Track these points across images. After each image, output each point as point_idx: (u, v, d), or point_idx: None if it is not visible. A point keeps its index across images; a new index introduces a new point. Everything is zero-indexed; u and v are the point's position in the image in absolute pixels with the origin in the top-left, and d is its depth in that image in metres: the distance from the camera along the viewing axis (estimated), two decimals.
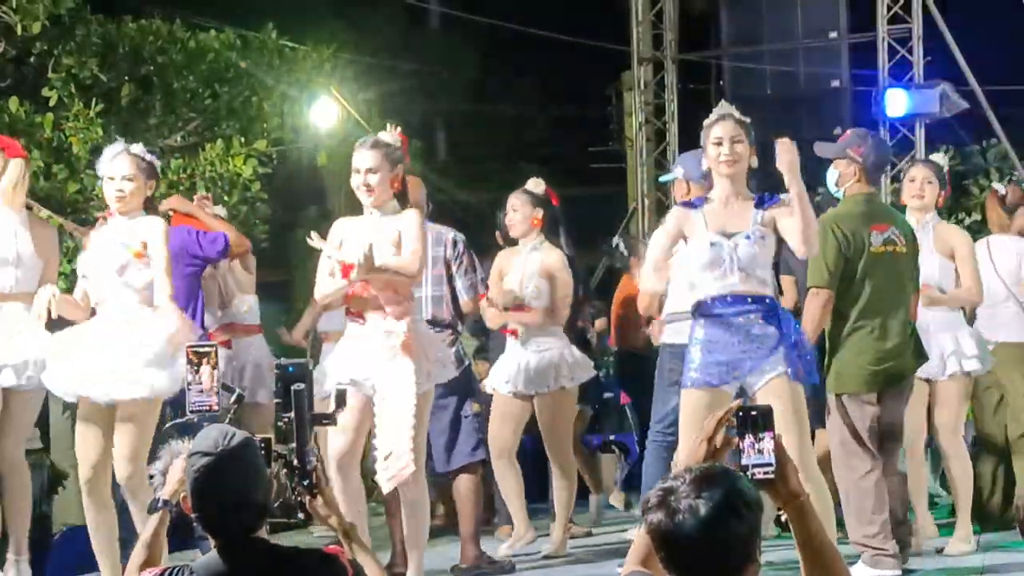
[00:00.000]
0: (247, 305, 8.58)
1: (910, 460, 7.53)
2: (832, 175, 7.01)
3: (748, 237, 6.10)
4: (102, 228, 6.65)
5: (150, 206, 6.54)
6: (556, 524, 8.02)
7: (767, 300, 6.14)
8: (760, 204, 6.17)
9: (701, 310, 6.19)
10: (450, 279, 7.38)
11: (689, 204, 6.33)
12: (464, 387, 7.43)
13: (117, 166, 6.45)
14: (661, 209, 13.33)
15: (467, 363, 7.59)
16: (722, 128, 6.22)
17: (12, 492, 6.86)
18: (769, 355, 6.06)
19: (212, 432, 3.86)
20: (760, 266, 6.14)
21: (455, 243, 7.44)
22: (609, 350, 11.22)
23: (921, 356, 6.89)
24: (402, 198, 6.49)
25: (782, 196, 6.16)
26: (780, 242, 6.23)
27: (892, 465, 6.81)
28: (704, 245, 6.12)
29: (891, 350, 6.69)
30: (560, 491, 8.03)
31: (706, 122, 6.32)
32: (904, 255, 6.78)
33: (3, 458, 6.83)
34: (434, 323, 7.26)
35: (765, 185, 6.37)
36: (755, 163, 6.29)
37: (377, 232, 6.31)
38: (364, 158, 6.39)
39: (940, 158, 7.71)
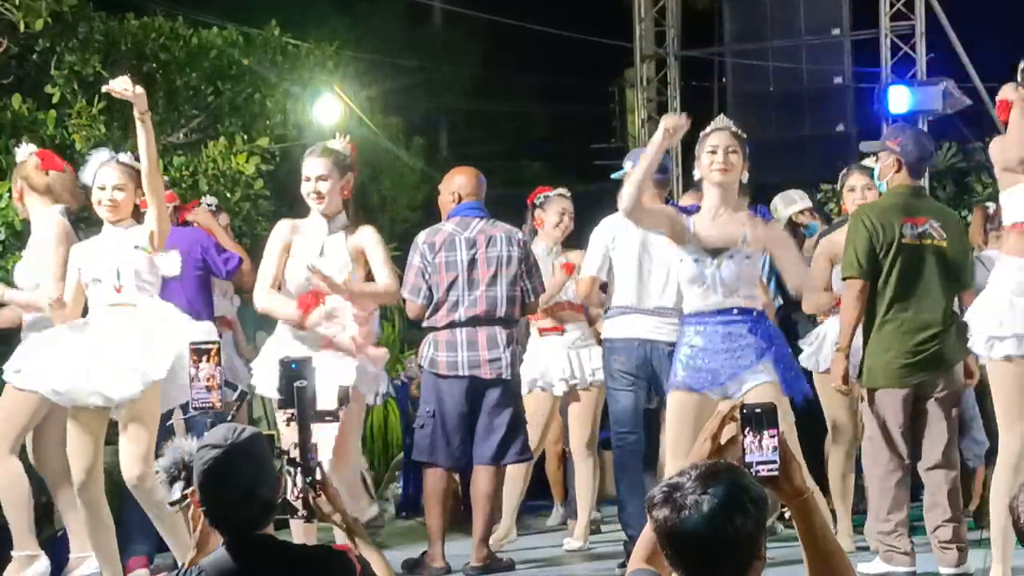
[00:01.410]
0: (237, 300, 8.61)
1: None
2: (876, 169, 7.01)
3: (732, 257, 6.16)
4: (93, 237, 6.61)
5: (138, 214, 6.55)
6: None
7: (754, 312, 6.25)
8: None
9: (689, 319, 6.26)
10: (520, 278, 7.44)
11: (684, 209, 6.40)
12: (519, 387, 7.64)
13: (107, 176, 6.45)
14: None
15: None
16: (718, 138, 6.30)
17: (61, 496, 6.90)
18: (753, 365, 6.14)
19: (221, 427, 3.88)
20: (745, 284, 6.24)
21: (524, 243, 7.53)
22: None
23: (965, 349, 6.68)
24: (348, 205, 6.55)
25: (772, 217, 6.26)
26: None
27: (939, 458, 6.67)
28: (688, 261, 6.18)
29: (926, 341, 6.61)
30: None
31: (702, 133, 6.38)
32: (945, 249, 6.68)
33: (48, 466, 6.90)
34: (507, 321, 7.37)
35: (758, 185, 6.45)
36: (745, 178, 6.34)
37: (330, 246, 6.37)
38: (314, 166, 6.47)
39: (872, 163, 7.68)
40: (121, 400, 6.23)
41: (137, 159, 6.53)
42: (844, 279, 6.72)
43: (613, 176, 7.78)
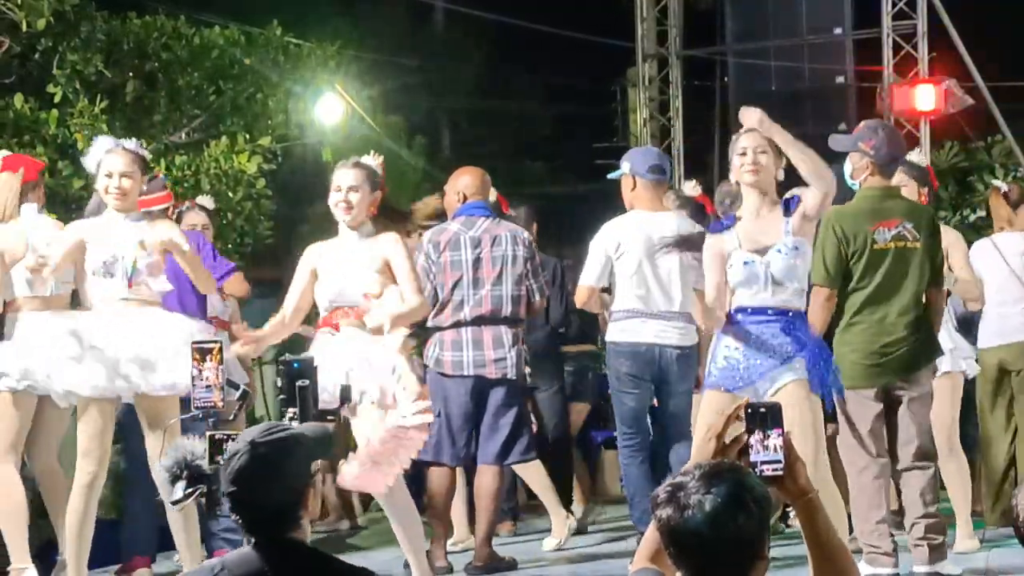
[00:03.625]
0: (232, 301, 8.58)
1: (950, 459, 7.51)
2: (847, 168, 7.01)
3: (780, 250, 6.16)
4: (98, 224, 6.52)
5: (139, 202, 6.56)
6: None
7: (789, 313, 6.21)
8: (787, 211, 6.21)
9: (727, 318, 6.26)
10: (526, 278, 7.43)
11: (718, 227, 6.37)
12: (526, 387, 7.62)
13: (114, 162, 6.41)
14: None
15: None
16: (747, 140, 6.27)
17: (51, 495, 6.84)
18: (783, 364, 6.12)
19: (261, 425, 3.86)
20: (795, 278, 6.21)
21: (529, 243, 7.52)
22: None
23: (934, 351, 6.82)
24: (374, 222, 6.48)
25: (802, 192, 6.21)
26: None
27: (911, 459, 6.69)
28: (739, 265, 6.20)
29: (892, 344, 6.63)
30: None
31: (734, 136, 6.37)
32: (917, 249, 6.69)
33: (37, 464, 6.81)
34: (512, 321, 7.37)
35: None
36: (781, 176, 6.31)
37: (356, 258, 6.30)
38: (347, 176, 6.40)
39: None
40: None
41: (141, 147, 6.58)
42: (811, 285, 6.74)
43: (610, 176, 7.76)
